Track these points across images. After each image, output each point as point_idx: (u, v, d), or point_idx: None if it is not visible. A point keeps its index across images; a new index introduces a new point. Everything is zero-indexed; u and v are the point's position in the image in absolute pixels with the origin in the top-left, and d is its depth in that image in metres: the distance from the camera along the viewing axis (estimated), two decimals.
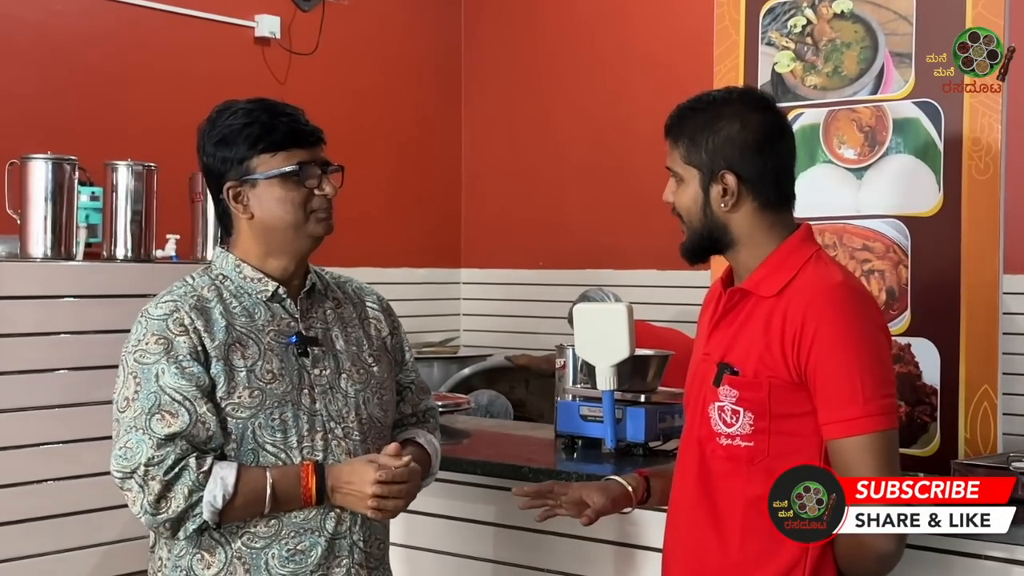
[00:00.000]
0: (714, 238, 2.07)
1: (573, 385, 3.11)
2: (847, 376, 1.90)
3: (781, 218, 2.06)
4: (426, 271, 6.05)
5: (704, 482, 2.04)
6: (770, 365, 1.96)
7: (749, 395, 1.98)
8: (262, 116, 2.14)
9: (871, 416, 1.89)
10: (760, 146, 2.03)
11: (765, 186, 2.03)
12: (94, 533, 3.34)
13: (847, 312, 1.93)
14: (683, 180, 2.08)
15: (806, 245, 2.05)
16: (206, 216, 3.83)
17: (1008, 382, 2.54)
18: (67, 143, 3.76)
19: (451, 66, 6.21)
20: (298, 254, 2.20)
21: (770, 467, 1.95)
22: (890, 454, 1.90)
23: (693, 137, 2.06)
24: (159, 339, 2.07)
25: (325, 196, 2.16)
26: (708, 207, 2.05)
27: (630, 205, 5.59)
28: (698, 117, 2.07)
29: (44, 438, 3.31)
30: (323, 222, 2.18)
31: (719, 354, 2.04)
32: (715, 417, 2.02)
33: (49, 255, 3.46)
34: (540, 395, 5.00)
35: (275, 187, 2.14)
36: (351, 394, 2.20)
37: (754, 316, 2.01)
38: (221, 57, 5.09)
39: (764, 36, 2.79)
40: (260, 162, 2.14)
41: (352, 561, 2.17)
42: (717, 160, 2.03)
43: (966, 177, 2.52)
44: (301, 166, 2.14)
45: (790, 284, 1.99)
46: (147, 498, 2.01)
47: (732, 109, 2.05)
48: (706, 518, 2.03)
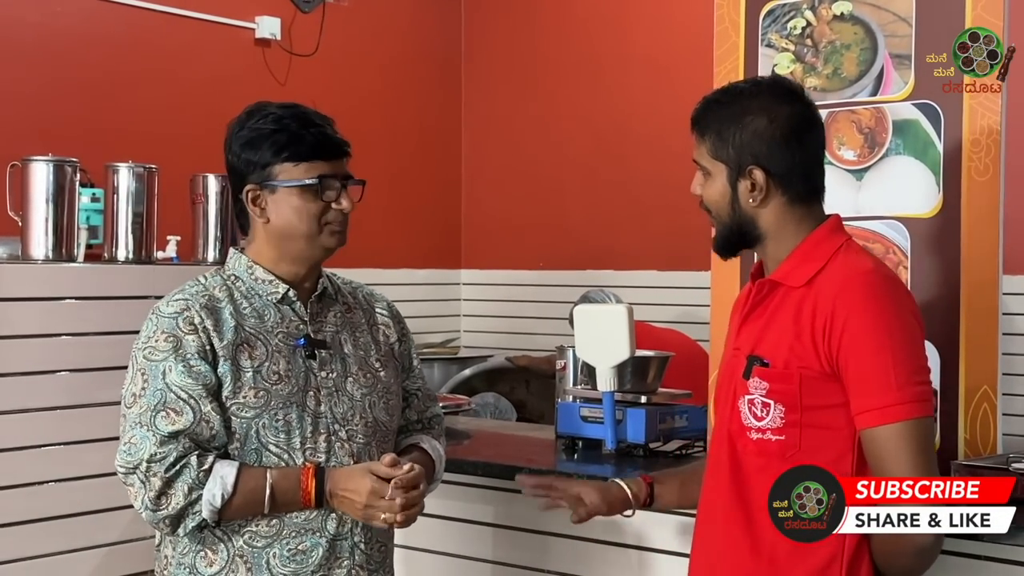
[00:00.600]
0: (743, 232, 2.04)
1: (573, 386, 3.11)
2: (880, 363, 1.87)
3: (811, 211, 2.04)
4: (426, 272, 6.05)
5: (735, 478, 2.01)
6: (801, 356, 1.93)
7: (779, 387, 1.95)
8: (292, 124, 2.16)
9: (905, 403, 1.86)
10: (788, 140, 2.01)
11: (794, 180, 2.02)
12: (96, 534, 3.34)
13: (878, 299, 1.91)
14: (710, 174, 2.05)
15: (835, 235, 2.03)
16: (207, 218, 3.83)
17: (1008, 383, 2.54)
18: (68, 145, 3.77)
19: (451, 67, 6.22)
20: (309, 262, 2.22)
21: (802, 461, 1.93)
22: (925, 441, 1.87)
23: (720, 132, 2.02)
24: (168, 337, 2.10)
25: (342, 210, 2.18)
26: (736, 202, 2.02)
27: (630, 206, 5.60)
28: (724, 111, 2.04)
29: (45, 439, 3.31)
30: (336, 235, 2.19)
31: (749, 347, 2.02)
32: (745, 411, 1.99)
33: (50, 257, 3.46)
34: (541, 396, 5.00)
35: (293, 196, 2.16)
36: (357, 397, 2.22)
37: (784, 307, 1.99)
38: (221, 58, 5.09)
39: (764, 38, 2.79)
40: (282, 170, 2.16)
41: (353, 562, 2.18)
42: (745, 155, 2.00)
43: (966, 178, 2.52)
44: (321, 179, 2.16)
45: (820, 273, 1.96)
46: (148, 494, 2.03)
47: (759, 103, 2.02)
48: (738, 515, 2.00)
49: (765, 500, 1.95)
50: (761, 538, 1.97)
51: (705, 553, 2.10)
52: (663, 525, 2.66)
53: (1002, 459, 2.34)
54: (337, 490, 2.11)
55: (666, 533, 2.66)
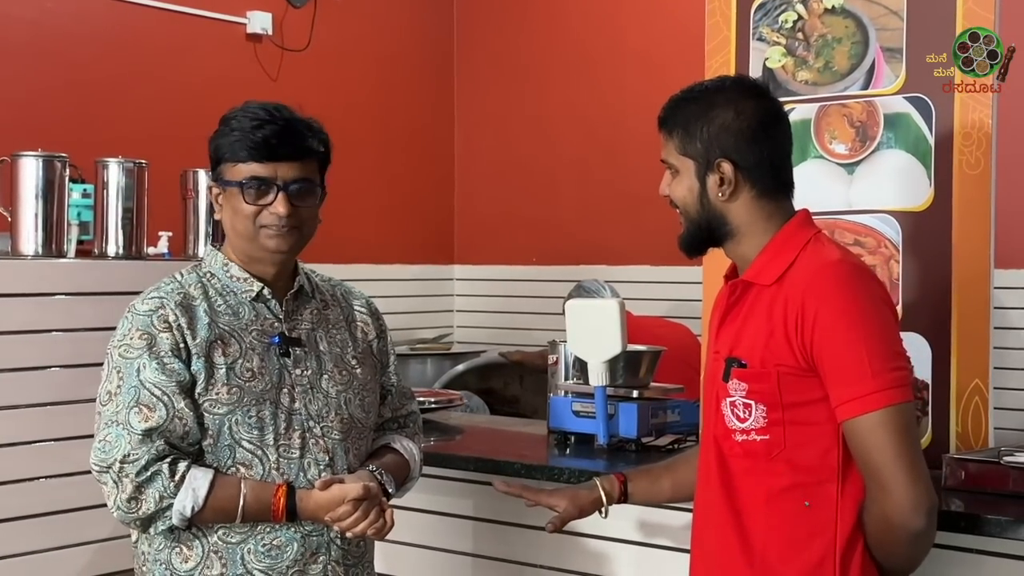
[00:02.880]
0: (712, 229, 2.04)
1: (566, 381, 3.10)
2: (854, 352, 1.86)
3: (780, 206, 2.04)
4: (419, 267, 6.04)
5: (725, 482, 2.01)
6: (776, 353, 1.93)
7: (758, 386, 1.95)
8: (246, 124, 2.14)
9: (883, 390, 1.84)
10: (755, 133, 2.01)
11: (762, 174, 2.01)
12: (85, 531, 3.33)
13: (847, 288, 1.90)
14: (679, 171, 2.06)
15: (804, 229, 2.03)
16: (198, 213, 3.82)
17: (998, 376, 2.54)
18: (58, 140, 3.74)
19: (444, 62, 6.21)
20: (269, 261, 2.20)
21: (789, 459, 1.93)
22: (907, 428, 1.86)
23: (687, 127, 2.03)
24: (143, 334, 2.11)
25: (276, 215, 2.14)
26: (705, 197, 2.02)
27: (623, 201, 5.59)
28: (691, 107, 2.04)
29: (35, 436, 3.30)
30: (274, 239, 2.16)
31: (727, 349, 2.02)
32: (728, 413, 1.99)
33: (40, 252, 3.45)
34: (534, 391, 5.00)
35: (233, 197, 2.16)
36: (332, 395, 2.22)
37: (757, 306, 1.99)
38: (213, 54, 5.08)
39: (755, 31, 2.79)
40: (225, 169, 2.17)
41: (329, 558, 2.18)
42: (712, 149, 2.01)
43: (957, 172, 2.52)
44: (248, 181, 2.13)
45: (790, 269, 1.96)
46: (120, 495, 2.06)
47: (725, 97, 2.03)
48: (728, 517, 2.00)
49: (755, 501, 1.97)
50: (752, 539, 1.97)
51: (702, 555, 2.10)
52: (640, 518, 2.65)
53: (993, 452, 2.34)
54: (305, 517, 2.13)
55: (648, 527, 2.67)
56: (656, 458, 2.61)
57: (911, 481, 1.83)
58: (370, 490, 2.13)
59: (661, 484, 2.34)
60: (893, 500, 1.84)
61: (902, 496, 1.83)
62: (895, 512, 1.85)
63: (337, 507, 2.10)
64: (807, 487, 1.93)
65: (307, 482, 2.15)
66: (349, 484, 2.12)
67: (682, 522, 2.62)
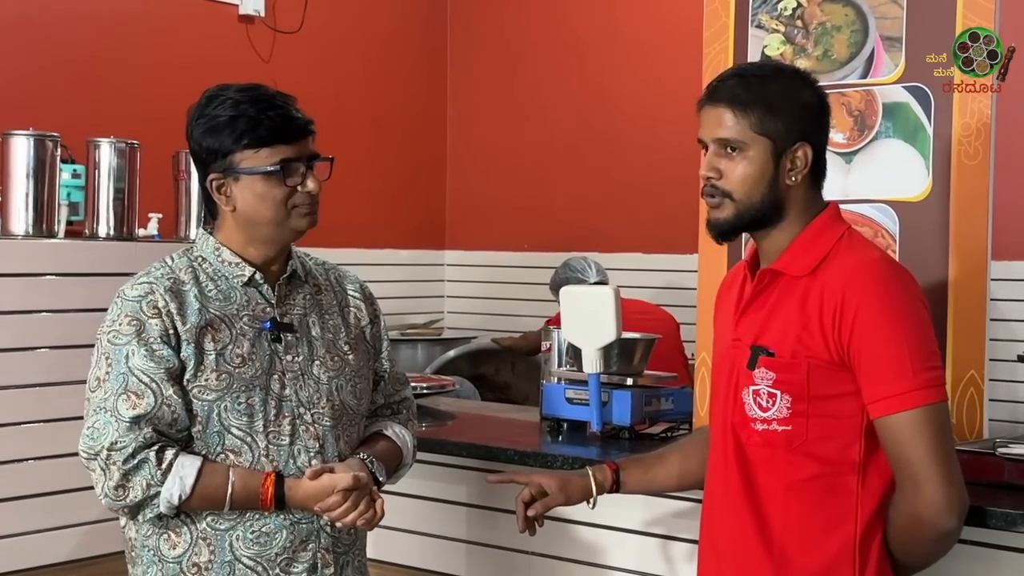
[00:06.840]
0: (766, 213, 1.98)
1: (559, 368, 3.09)
2: (894, 351, 1.86)
3: (819, 197, 2.04)
4: (410, 252, 6.03)
5: (742, 470, 1.99)
6: (809, 345, 1.92)
7: (786, 376, 1.93)
8: (249, 109, 2.10)
9: (922, 389, 1.85)
10: (824, 119, 2.02)
11: (821, 161, 2.01)
12: (75, 512, 3.32)
13: (888, 287, 1.90)
14: (746, 150, 1.96)
15: (837, 223, 2.02)
16: (189, 195, 3.80)
17: (993, 368, 2.54)
18: (49, 120, 3.72)
19: (437, 46, 6.18)
20: (279, 244, 2.19)
21: (809, 451, 1.92)
22: (943, 427, 1.86)
23: (769, 104, 1.96)
24: (132, 320, 2.08)
25: (309, 192, 2.14)
26: (776, 179, 1.97)
27: (616, 188, 5.58)
28: (772, 84, 1.98)
29: (24, 417, 3.29)
30: (306, 217, 2.16)
31: (751, 337, 2.00)
32: (750, 402, 1.98)
33: (30, 232, 3.43)
34: (526, 377, 4.99)
35: (257, 183, 2.12)
36: (324, 381, 2.20)
37: (788, 297, 1.97)
38: (205, 35, 5.05)
39: (754, 18, 2.77)
40: (243, 157, 2.12)
41: (319, 545, 2.17)
42: (794, 130, 1.96)
43: (955, 162, 2.51)
44: (284, 164, 2.11)
45: (824, 262, 1.95)
46: (108, 483, 2.04)
47: (803, 80, 2.02)
48: (745, 507, 1.98)
49: (773, 491, 1.96)
50: (771, 530, 1.96)
51: (713, 544, 2.08)
52: (636, 506, 2.65)
53: (988, 444, 2.34)
54: (294, 506, 2.12)
55: (640, 515, 2.67)
56: (649, 446, 2.61)
57: (946, 481, 1.84)
58: (360, 480, 2.11)
59: (654, 473, 2.32)
60: (926, 498, 1.84)
61: (935, 495, 1.84)
62: (927, 510, 1.85)
63: (326, 497, 2.09)
64: (826, 478, 1.93)
65: (297, 469, 2.13)
66: (339, 474, 2.11)
67: (675, 510, 2.62)
